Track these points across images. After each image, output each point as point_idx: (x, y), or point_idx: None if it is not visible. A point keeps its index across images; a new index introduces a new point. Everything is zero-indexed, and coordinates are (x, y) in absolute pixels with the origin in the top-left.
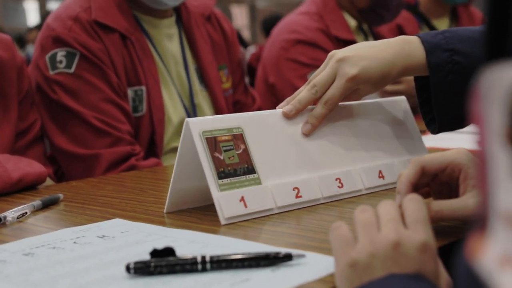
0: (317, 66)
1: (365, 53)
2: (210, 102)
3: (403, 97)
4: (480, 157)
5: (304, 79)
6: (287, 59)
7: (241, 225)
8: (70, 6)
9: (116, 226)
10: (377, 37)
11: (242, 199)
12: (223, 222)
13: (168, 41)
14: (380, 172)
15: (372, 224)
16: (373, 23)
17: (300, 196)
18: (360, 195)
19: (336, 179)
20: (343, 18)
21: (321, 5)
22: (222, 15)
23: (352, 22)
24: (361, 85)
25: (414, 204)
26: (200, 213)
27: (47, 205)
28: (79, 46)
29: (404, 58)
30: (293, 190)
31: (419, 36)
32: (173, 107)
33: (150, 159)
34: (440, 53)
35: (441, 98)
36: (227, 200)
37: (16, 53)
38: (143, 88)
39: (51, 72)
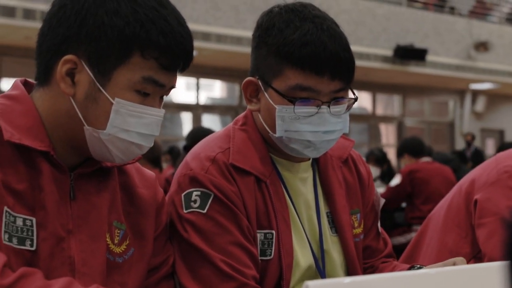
0: None
1: None
2: (339, 248)
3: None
4: None
5: None
6: (507, 186)
7: None
8: (210, 146)
9: None
10: None
11: None
12: None
13: (302, 184)
14: None
15: None
16: None
17: None
18: None
19: None
20: None
21: None
22: (358, 157)
23: None
24: None
25: None
26: None
27: None
28: (214, 188)
29: None
30: None
31: None
32: (301, 252)
33: None
34: None
35: None
36: None
37: (158, 189)
38: (273, 232)
39: (184, 211)
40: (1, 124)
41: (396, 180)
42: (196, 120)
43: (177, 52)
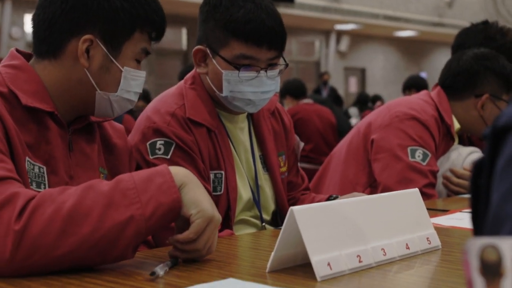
0: (420, 145)
1: None
2: (270, 184)
3: (416, 190)
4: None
5: (403, 149)
6: (398, 128)
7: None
8: (168, 102)
9: (233, 285)
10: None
11: (329, 264)
12: (319, 279)
13: (240, 133)
14: (406, 244)
15: None
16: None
17: (361, 261)
18: (395, 260)
19: (381, 249)
20: (451, 115)
21: (437, 98)
22: (282, 109)
23: (457, 124)
24: None
25: None
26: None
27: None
28: (175, 137)
29: None
30: (357, 257)
31: None
32: (243, 188)
33: (225, 231)
34: None
35: None
36: (322, 264)
37: (127, 139)
38: (222, 172)
39: (150, 157)
40: (15, 91)
41: None
42: None
43: (163, 26)
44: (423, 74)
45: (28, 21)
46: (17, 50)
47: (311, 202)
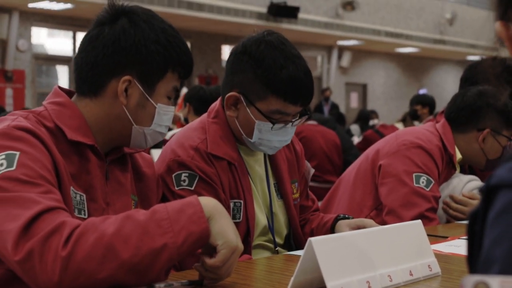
0: (424, 172)
1: None
2: (283, 210)
3: (419, 221)
4: None
5: (409, 175)
6: (404, 155)
7: None
8: (191, 136)
9: None
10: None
11: None
12: None
13: (257, 164)
14: (410, 271)
15: None
16: (488, 170)
17: (370, 287)
18: (399, 286)
19: (388, 276)
20: (454, 145)
21: (441, 129)
22: (294, 138)
23: (459, 155)
24: None
25: None
26: None
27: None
28: (198, 170)
29: None
30: (366, 283)
31: None
32: (259, 215)
33: (243, 256)
34: None
35: None
36: None
37: (154, 168)
38: (241, 201)
39: (176, 188)
40: (61, 126)
41: None
42: (72, 73)
43: (191, 66)
44: (423, 91)
45: (34, 33)
46: (60, 88)
47: (320, 221)
